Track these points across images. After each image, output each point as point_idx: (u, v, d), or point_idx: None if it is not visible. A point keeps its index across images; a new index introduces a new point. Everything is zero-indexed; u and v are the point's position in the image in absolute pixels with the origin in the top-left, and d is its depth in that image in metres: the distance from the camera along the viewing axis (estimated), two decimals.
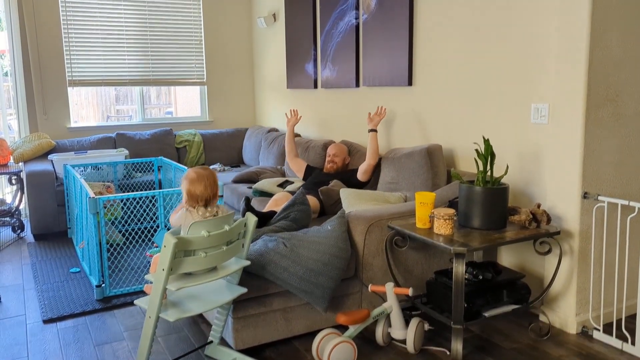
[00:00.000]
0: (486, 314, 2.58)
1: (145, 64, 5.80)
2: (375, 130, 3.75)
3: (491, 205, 2.61)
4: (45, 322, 3.04)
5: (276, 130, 5.67)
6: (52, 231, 4.66)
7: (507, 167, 2.76)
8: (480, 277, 2.65)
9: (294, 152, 4.34)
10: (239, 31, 6.25)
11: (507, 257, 3.21)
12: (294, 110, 4.41)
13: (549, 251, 2.68)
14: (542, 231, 2.63)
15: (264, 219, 3.06)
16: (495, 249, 3.26)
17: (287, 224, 2.98)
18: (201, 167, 2.37)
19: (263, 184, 4.22)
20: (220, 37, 6.15)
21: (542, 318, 2.94)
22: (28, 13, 5.20)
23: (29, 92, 5.30)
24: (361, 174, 3.76)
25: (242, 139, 6.02)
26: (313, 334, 2.79)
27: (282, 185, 4.21)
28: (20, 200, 4.88)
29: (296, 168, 4.29)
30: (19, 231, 4.78)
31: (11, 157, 4.93)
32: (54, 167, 4.66)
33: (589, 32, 2.58)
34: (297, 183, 4.20)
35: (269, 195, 4.11)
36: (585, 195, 2.72)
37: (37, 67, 5.30)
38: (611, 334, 2.73)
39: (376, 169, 3.79)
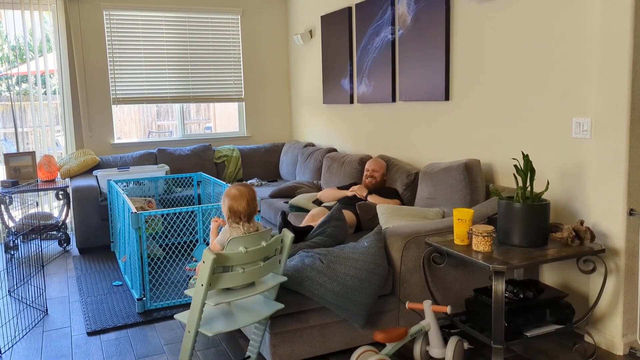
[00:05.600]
0: (528, 334, 2.51)
1: (186, 82, 5.96)
2: (371, 193, 3.86)
3: (531, 222, 2.56)
4: (90, 334, 3.13)
5: (312, 145, 5.72)
6: (96, 245, 4.80)
7: (548, 182, 2.70)
8: (521, 296, 2.58)
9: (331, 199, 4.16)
10: (276, 48, 6.36)
11: (549, 276, 3.13)
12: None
13: (594, 270, 2.60)
14: (585, 249, 2.56)
15: (301, 234, 3.08)
16: (537, 267, 3.18)
17: (323, 240, 2.99)
18: (240, 183, 2.41)
19: (299, 199, 4.25)
20: (257, 55, 6.27)
21: (587, 339, 2.84)
22: (75, 35, 5.43)
23: (76, 110, 5.51)
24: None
25: (279, 154, 6.09)
26: (350, 351, 2.78)
27: (317, 201, 4.23)
28: (67, 215, 5.06)
29: (332, 198, 4.16)
30: (65, 245, 4.95)
31: (58, 173, 5.12)
32: (98, 182, 4.82)
33: (632, 44, 2.52)
34: None
35: (306, 210, 4.14)
36: (631, 212, 2.63)
37: (84, 86, 5.51)
38: None
39: (411, 185, 3.80)
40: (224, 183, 4.27)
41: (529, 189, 2.62)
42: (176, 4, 5.79)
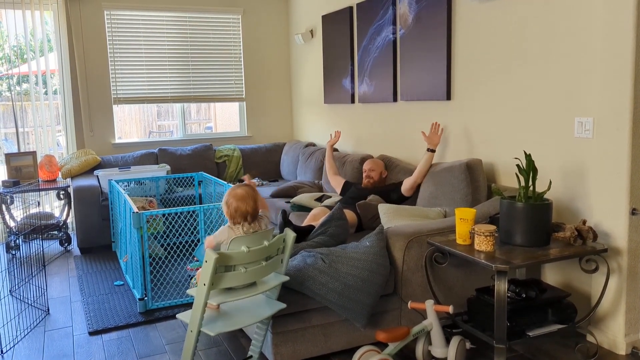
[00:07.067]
0: (530, 334, 2.51)
1: (186, 81, 5.95)
2: (434, 150, 3.66)
3: (534, 221, 2.55)
4: (91, 334, 3.13)
5: (314, 144, 5.71)
6: (97, 245, 4.80)
7: (550, 182, 2.70)
8: (524, 295, 2.58)
9: (333, 169, 4.44)
10: (277, 48, 6.35)
11: (551, 275, 3.12)
12: (336, 132, 4.61)
13: (596, 269, 2.60)
14: (588, 248, 2.55)
15: (302, 234, 3.08)
16: (539, 266, 3.18)
17: (325, 240, 2.99)
18: (243, 184, 2.41)
19: (301, 199, 4.25)
20: (258, 54, 6.26)
21: (589, 338, 2.84)
22: (76, 35, 5.42)
23: (77, 110, 5.51)
24: (406, 190, 3.74)
25: (280, 153, 6.09)
26: (352, 351, 2.78)
27: (319, 199, 4.23)
28: (68, 215, 5.06)
29: (335, 184, 4.32)
30: (66, 244, 4.95)
31: (59, 173, 5.12)
32: (99, 182, 4.82)
33: (635, 43, 2.52)
34: (335, 197, 4.22)
35: (307, 209, 4.13)
36: (633, 212, 2.62)
37: (84, 85, 5.51)
38: None
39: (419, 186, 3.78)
40: (225, 183, 4.26)
41: (531, 188, 2.62)
42: (177, 3, 5.79)
